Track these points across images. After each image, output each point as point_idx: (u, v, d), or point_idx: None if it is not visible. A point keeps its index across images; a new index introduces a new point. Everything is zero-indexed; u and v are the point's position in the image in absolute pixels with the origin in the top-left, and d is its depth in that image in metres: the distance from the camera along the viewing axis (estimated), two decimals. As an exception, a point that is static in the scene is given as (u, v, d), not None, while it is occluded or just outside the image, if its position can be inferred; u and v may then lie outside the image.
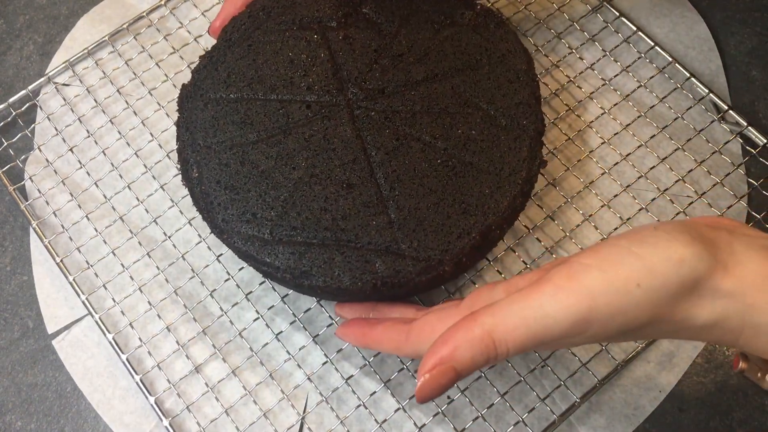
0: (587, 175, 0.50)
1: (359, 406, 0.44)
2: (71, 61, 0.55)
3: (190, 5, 0.58)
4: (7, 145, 0.53)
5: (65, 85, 0.55)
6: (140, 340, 0.46)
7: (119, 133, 0.53)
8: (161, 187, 0.50)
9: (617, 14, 0.55)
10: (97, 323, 0.46)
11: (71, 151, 0.52)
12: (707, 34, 0.56)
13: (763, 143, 0.50)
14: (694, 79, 0.52)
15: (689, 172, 0.49)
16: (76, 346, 0.47)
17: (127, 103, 0.54)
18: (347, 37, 0.46)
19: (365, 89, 0.45)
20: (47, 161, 0.52)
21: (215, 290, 0.47)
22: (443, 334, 0.32)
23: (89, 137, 0.53)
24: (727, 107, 0.51)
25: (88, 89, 0.55)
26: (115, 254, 0.49)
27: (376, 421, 0.44)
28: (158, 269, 0.48)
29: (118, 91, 0.54)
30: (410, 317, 0.39)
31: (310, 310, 0.46)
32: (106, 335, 0.46)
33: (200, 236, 0.49)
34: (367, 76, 0.45)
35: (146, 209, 0.50)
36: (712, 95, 0.51)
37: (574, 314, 0.29)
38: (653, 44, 0.54)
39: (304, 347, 0.45)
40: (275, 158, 0.43)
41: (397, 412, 0.44)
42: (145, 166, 0.51)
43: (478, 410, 0.44)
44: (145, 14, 0.57)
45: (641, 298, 0.29)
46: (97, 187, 0.51)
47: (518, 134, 0.43)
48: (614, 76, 0.53)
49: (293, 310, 0.46)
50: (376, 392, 0.44)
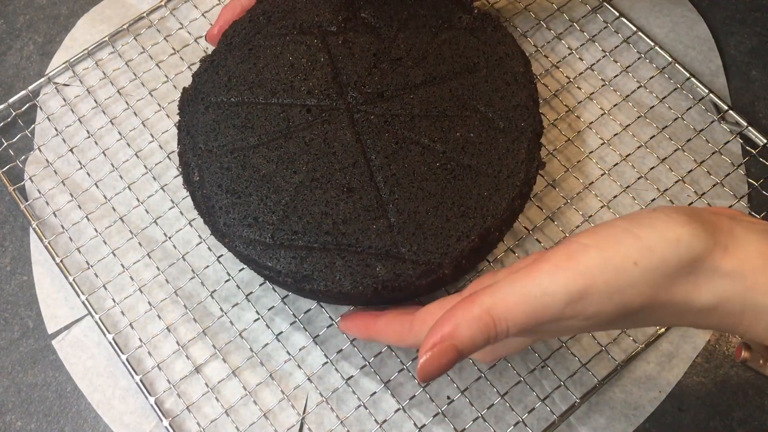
0: (587, 175, 0.50)
1: (359, 406, 0.44)
2: (71, 61, 0.55)
3: (190, 6, 0.58)
4: (7, 145, 0.53)
5: (65, 85, 0.55)
6: (140, 340, 0.46)
7: (119, 133, 0.53)
8: (161, 187, 0.50)
9: (617, 14, 0.55)
10: (97, 323, 0.46)
11: (71, 151, 0.52)
12: (707, 34, 0.56)
13: (763, 143, 0.50)
14: (694, 79, 0.52)
15: (689, 172, 0.49)
16: (76, 346, 0.48)
17: (127, 103, 0.54)
18: (347, 41, 0.46)
19: (365, 93, 0.45)
20: (47, 161, 0.52)
21: (215, 291, 0.47)
22: (444, 314, 0.32)
23: (89, 138, 0.53)
24: (727, 107, 0.51)
25: (88, 90, 0.55)
26: (115, 255, 0.49)
27: (376, 421, 0.44)
28: (158, 270, 0.48)
29: (118, 91, 0.54)
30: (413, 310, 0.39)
31: (310, 310, 0.46)
32: (106, 335, 0.46)
33: (200, 237, 0.49)
34: (366, 79, 0.45)
35: (146, 210, 0.50)
36: (712, 95, 0.51)
37: (571, 291, 0.29)
38: (653, 44, 0.54)
39: (304, 348, 0.46)
40: (276, 162, 0.43)
41: (397, 412, 0.44)
42: (145, 166, 0.51)
43: (478, 410, 0.44)
44: (145, 15, 0.57)
45: (639, 277, 0.29)
46: (97, 187, 0.51)
47: (516, 136, 0.43)
48: (614, 76, 0.53)
49: (293, 310, 0.46)
50: (376, 392, 0.44)
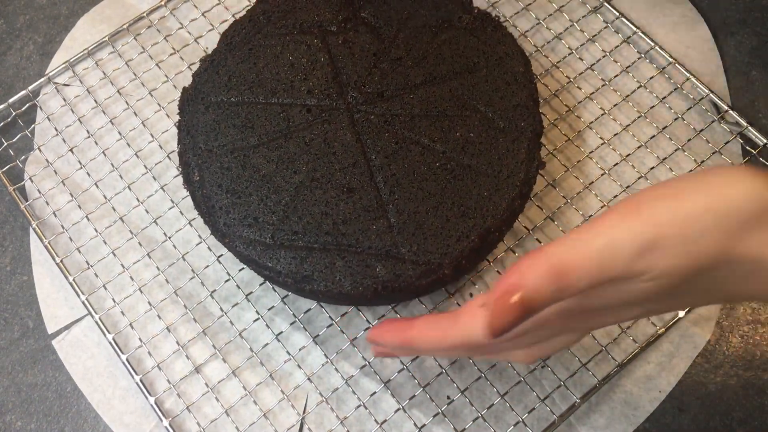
0: (587, 175, 0.50)
1: (359, 406, 0.44)
2: (71, 61, 0.55)
3: (190, 6, 0.58)
4: (7, 145, 0.53)
5: (65, 85, 0.55)
6: (140, 340, 0.46)
7: (119, 133, 0.53)
8: (161, 187, 0.50)
9: (617, 14, 0.55)
10: (97, 323, 0.46)
11: (71, 151, 0.52)
12: (707, 34, 0.56)
13: (763, 143, 0.50)
14: (694, 79, 0.52)
15: (689, 172, 0.49)
16: (76, 346, 0.48)
17: (127, 103, 0.54)
18: (347, 41, 0.46)
19: (365, 93, 0.45)
20: (47, 161, 0.52)
21: (215, 291, 0.47)
22: (510, 267, 0.29)
23: (89, 138, 0.53)
24: (727, 107, 0.51)
25: (88, 90, 0.55)
26: (115, 254, 0.49)
27: (376, 421, 0.44)
28: (158, 270, 0.48)
29: (118, 91, 0.54)
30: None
31: (310, 310, 0.46)
32: (106, 335, 0.46)
33: (200, 237, 0.49)
34: (366, 79, 0.45)
35: (146, 210, 0.50)
36: (712, 95, 0.51)
37: (640, 241, 0.28)
38: (653, 44, 0.54)
39: (304, 347, 0.45)
40: (276, 162, 0.43)
41: (397, 412, 0.44)
42: (145, 166, 0.51)
43: (478, 410, 0.44)
44: (145, 14, 0.57)
45: (711, 223, 0.27)
46: (97, 187, 0.51)
47: (516, 136, 0.43)
48: (614, 76, 0.53)
49: (293, 310, 0.46)
50: (376, 392, 0.44)
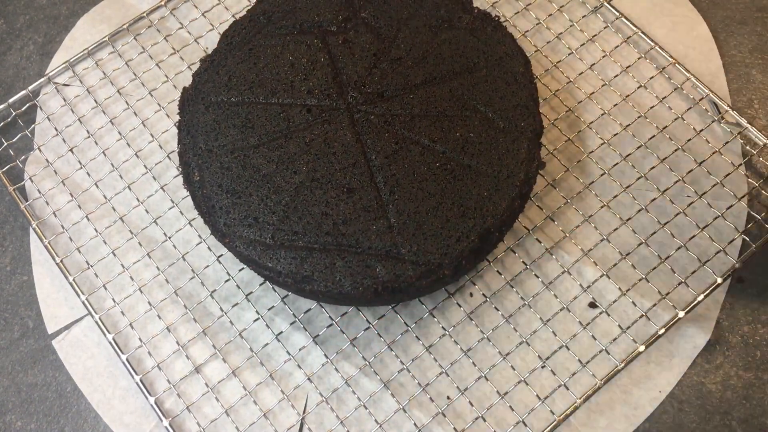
0: (587, 175, 0.50)
1: (359, 406, 0.44)
2: (71, 61, 0.55)
3: (190, 6, 0.58)
4: (7, 145, 0.53)
5: (65, 85, 0.55)
6: (140, 340, 0.46)
7: (119, 133, 0.53)
8: (161, 187, 0.50)
9: (617, 14, 0.55)
10: (97, 323, 0.46)
11: (71, 151, 0.52)
12: (707, 34, 0.56)
13: (763, 143, 0.50)
14: (694, 79, 0.52)
15: (689, 172, 0.49)
16: (76, 346, 0.48)
17: (127, 103, 0.54)
18: (347, 41, 0.46)
19: (365, 93, 0.45)
20: (47, 161, 0.52)
21: (215, 291, 0.47)
22: None
23: (89, 138, 0.53)
24: (727, 107, 0.51)
25: (88, 90, 0.55)
26: (115, 254, 0.49)
27: (376, 421, 0.44)
28: (158, 270, 0.48)
29: (118, 91, 0.54)
30: None
31: (310, 310, 0.46)
32: (106, 335, 0.46)
33: (200, 237, 0.49)
34: (366, 79, 0.45)
35: (146, 210, 0.50)
36: (712, 95, 0.51)
37: None
38: (653, 44, 0.54)
39: (304, 347, 0.45)
40: (276, 162, 0.43)
41: (397, 412, 0.44)
42: (145, 166, 0.51)
43: (478, 411, 0.44)
44: (145, 14, 0.57)
45: None
46: (97, 187, 0.51)
47: (516, 136, 0.43)
48: (614, 76, 0.53)
49: (293, 310, 0.46)
50: (376, 392, 0.44)
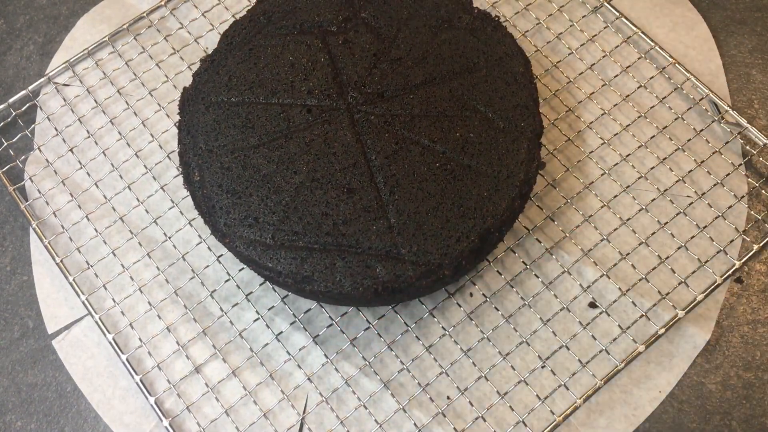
0: (587, 175, 0.50)
1: (359, 406, 0.44)
2: (71, 61, 0.55)
3: (190, 6, 0.58)
4: (7, 145, 0.53)
5: (65, 85, 0.55)
6: (140, 340, 0.46)
7: (119, 133, 0.53)
8: (161, 187, 0.50)
9: (617, 14, 0.55)
10: (97, 323, 0.46)
11: (71, 151, 0.52)
12: (707, 34, 0.56)
13: (763, 143, 0.50)
14: (694, 79, 0.52)
15: (689, 172, 0.49)
16: (76, 346, 0.48)
17: (127, 103, 0.54)
18: (347, 41, 0.46)
19: (365, 93, 0.45)
20: (47, 161, 0.52)
21: (215, 291, 0.47)
22: None
23: (89, 138, 0.53)
24: (727, 107, 0.51)
25: (88, 90, 0.55)
26: (115, 254, 0.49)
27: (376, 421, 0.44)
28: (158, 270, 0.48)
29: (118, 91, 0.54)
30: None
31: (310, 310, 0.46)
32: (106, 335, 0.46)
33: (200, 237, 0.49)
34: (366, 80, 0.45)
35: (146, 210, 0.50)
36: (712, 95, 0.51)
37: None
38: (653, 44, 0.54)
39: (304, 347, 0.45)
40: (276, 162, 0.43)
41: (397, 412, 0.44)
42: (145, 166, 0.51)
43: (478, 411, 0.44)
44: (145, 14, 0.57)
45: None
46: (97, 187, 0.51)
47: (516, 136, 0.43)
48: (614, 76, 0.53)
49: (293, 310, 0.46)
50: (376, 392, 0.44)
